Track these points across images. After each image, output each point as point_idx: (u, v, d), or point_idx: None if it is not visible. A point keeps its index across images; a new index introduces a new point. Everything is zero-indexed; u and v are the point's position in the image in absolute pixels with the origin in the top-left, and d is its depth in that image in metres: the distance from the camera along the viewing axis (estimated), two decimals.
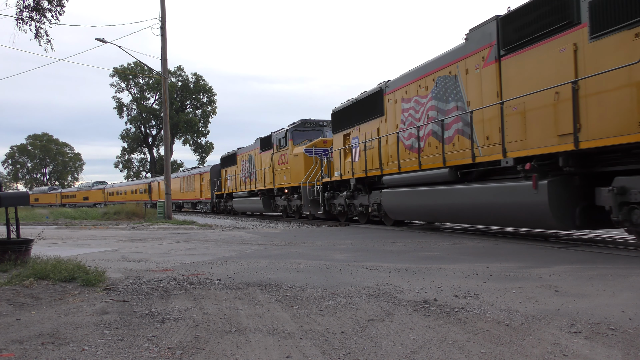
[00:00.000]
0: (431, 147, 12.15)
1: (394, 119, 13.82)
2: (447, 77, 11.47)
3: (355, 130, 16.09)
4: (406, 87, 13.20)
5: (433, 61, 12.18)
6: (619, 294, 4.83)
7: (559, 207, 8.47)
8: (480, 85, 10.44)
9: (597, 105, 7.72)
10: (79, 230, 18.46)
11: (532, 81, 8.99)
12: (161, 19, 22.20)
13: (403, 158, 13.25)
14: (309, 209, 19.50)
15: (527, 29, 9.08)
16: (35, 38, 9.31)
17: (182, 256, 9.03)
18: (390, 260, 7.64)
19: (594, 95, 7.76)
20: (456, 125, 11.21)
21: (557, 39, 8.46)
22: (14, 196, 7.99)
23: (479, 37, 10.40)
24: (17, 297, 5.28)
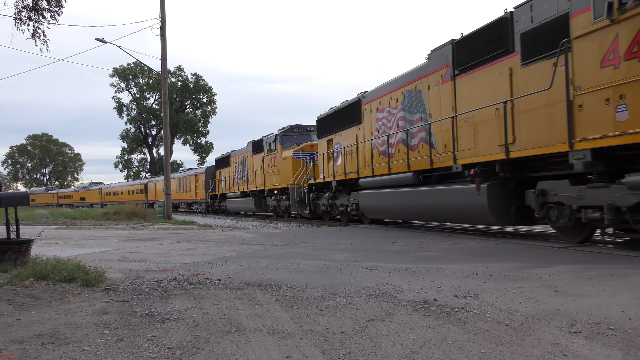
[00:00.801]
0: (400, 153, 13.54)
1: (370, 127, 15.25)
2: (414, 91, 12.89)
3: (337, 136, 17.49)
4: (380, 98, 14.62)
5: (402, 76, 13.56)
6: (619, 294, 4.83)
7: (496, 207, 9.95)
8: (439, 99, 11.85)
9: (527, 121, 9.18)
10: (78, 230, 18.46)
11: (479, 98, 10.41)
12: (161, 19, 22.20)
13: (377, 163, 14.68)
14: (297, 209, 20.78)
15: (475, 53, 10.52)
16: (32, 38, 9.32)
17: (182, 256, 9.03)
18: (390, 261, 7.64)
19: (524, 112, 9.24)
20: (420, 134, 12.61)
21: (497, 63, 9.92)
22: (13, 196, 8.00)
23: (438, 57, 11.87)
24: (17, 297, 5.28)
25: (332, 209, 18.44)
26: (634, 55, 6.99)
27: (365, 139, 15.45)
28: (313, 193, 19.69)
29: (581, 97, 7.90)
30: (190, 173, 40.81)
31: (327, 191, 18.64)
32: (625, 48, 7.14)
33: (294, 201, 20.81)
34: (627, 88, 7.11)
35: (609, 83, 7.39)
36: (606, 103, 7.46)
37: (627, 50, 7.10)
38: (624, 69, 7.14)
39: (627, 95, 7.12)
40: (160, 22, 22.17)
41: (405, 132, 13.11)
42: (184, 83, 68.58)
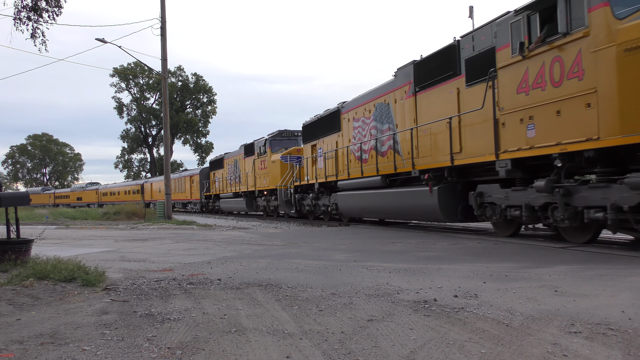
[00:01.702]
0: (372, 158, 14.98)
1: (347, 135, 16.81)
2: (383, 104, 14.44)
3: (320, 142, 19.03)
4: (356, 109, 16.18)
5: (374, 90, 15.09)
6: (619, 294, 4.83)
7: (445, 206, 11.60)
8: (404, 112, 13.38)
9: (469, 134, 10.78)
10: (78, 230, 18.47)
11: (435, 112, 11.93)
12: (161, 19, 22.20)
13: (352, 167, 16.27)
14: (284, 209, 22.33)
15: (431, 74, 12.08)
16: (31, 38, 9.30)
17: (182, 256, 9.03)
18: (390, 261, 7.64)
19: (467, 126, 10.84)
20: (389, 142, 14.11)
21: (448, 84, 11.45)
22: (14, 196, 8.00)
23: (402, 75, 13.42)
24: (17, 297, 5.28)
25: (315, 208, 19.83)
26: (539, 85, 8.73)
27: (344, 145, 16.98)
28: (299, 194, 21.14)
29: (504, 116, 9.59)
30: (185, 174, 41.94)
31: (311, 192, 20.02)
32: (532, 79, 8.86)
33: (282, 201, 22.17)
34: (535, 111, 8.81)
35: (522, 106, 9.06)
36: (520, 122, 9.14)
37: (534, 81, 8.83)
38: (532, 96, 8.85)
39: (535, 117, 8.83)
40: (160, 22, 22.17)
41: (376, 140, 14.72)
42: (184, 83, 68.55)
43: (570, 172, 8.62)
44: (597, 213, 7.83)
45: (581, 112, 7.90)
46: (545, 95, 8.59)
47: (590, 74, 7.74)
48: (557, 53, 8.36)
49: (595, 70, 7.66)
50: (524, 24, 8.92)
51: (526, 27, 8.90)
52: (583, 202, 8.17)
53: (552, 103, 8.44)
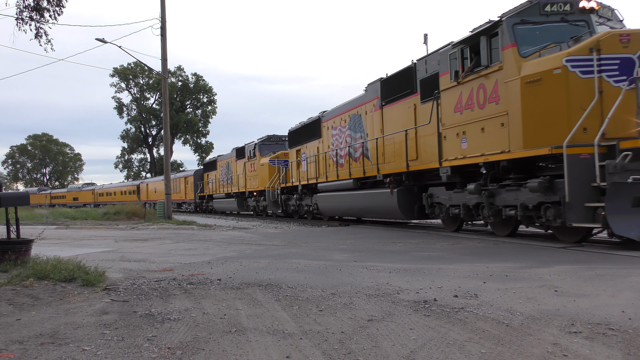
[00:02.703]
0: (347, 163, 16.68)
1: (327, 141, 18.49)
2: (356, 115, 16.10)
3: (304, 147, 20.71)
4: (334, 118, 17.89)
5: (350, 102, 16.80)
6: (619, 294, 4.83)
7: (404, 206, 13.46)
8: (373, 123, 15.03)
9: (423, 144, 12.48)
10: (79, 230, 18.46)
11: (397, 124, 13.61)
12: (161, 19, 22.19)
13: (330, 171, 17.97)
14: (272, 209, 23.95)
15: (394, 90, 13.78)
16: (35, 38, 9.28)
17: (182, 256, 9.03)
18: (390, 261, 7.64)
19: (421, 137, 12.52)
20: (361, 149, 15.75)
21: (407, 100, 13.15)
22: (14, 196, 8.00)
23: (372, 90, 15.06)
24: (17, 297, 5.28)
25: (299, 208, 21.54)
26: (469, 107, 10.50)
27: (324, 150, 18.69)
28: (285, 195, 22.81)
29: (445, 131, 11.36)
30: (180, 175, 43.22)
31: (295, 194, 21.67)
32: (465, 101, 10.62)
33: (269, 202, 23.75)
34: (466, 127, 10.59)
35: (458, 123, 10.84)
36: (457, 136, 10.93)
37: (465, 103, 10.60)
38: (465, 115, 10.63)
39: (467, 132, 10.59)
40: (160, 22, 22.15)
41: (350, 147, 16.45)
42: (184, 83, 68.52)
43: (496, 178, 10.26)
44: (511, 211, 9.72)
45: (498, 130, 9.72)
46: (473, 115, 10.40)
47: (504, 99, 9.53)
48: (482, 81, 10.15)
49: (506, 97, 9.44)
50: (459, 55, 10.75)
51: (460, 59, 10.71)
52: (502, 202, 10.01)
53: (478, 121, 10.27)
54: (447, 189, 11.95)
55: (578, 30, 9.27)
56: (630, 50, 8.37)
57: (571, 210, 8.22)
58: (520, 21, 9.45)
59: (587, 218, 8.08)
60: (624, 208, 7.66)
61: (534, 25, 9.45)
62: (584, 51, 8.46)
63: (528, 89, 8.97)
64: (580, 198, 8.12)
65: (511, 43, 9.36)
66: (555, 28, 9.38)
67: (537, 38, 9.42)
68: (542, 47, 9.30)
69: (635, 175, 7.66)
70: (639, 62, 8.36)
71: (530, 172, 9.44)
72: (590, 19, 9.39)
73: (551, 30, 9.39)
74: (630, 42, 8.39)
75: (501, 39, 9.62)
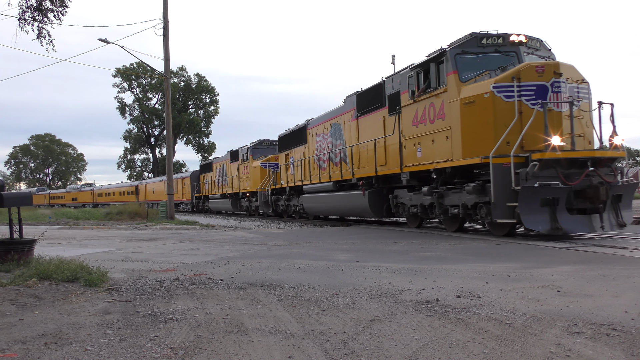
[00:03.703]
0: (328, 167, 18.33)
1: (312, 147, 20.06)
2: (337, 124, 17.76)
3: (292, 152, 22.29)
4: (318, 126, 19.55)
5: (331, 112, 18.46)
6: (622, 295, 4.82)
7: (374, 206, 15.12)
8: (350, 132, 16.66)
9: (390, 152, 14.01)
10: (81, 230, 18.49)
11: (370, 134, 15.13)
12: (164, 20, 22.19)
13: (313, 174, 19.58)
14: (263, 209, 25.63)
15: (367, 103, 15.35)
16: (37, 38, 9.29)
17: (185, 256, 9.03)
18: (392, 261, 7.63)
19: (389, 146, 14.06)
20: (340, 155, 17.36)
21: (378, 112, 14.71)
22: (16, 196, 8.00)
23: (349, 102, 16.74)
24: (20, 297, 5.29)
25: (287, 208, 23.15)
26: (423, 121, 12.35)
27: (309, 155, 20.22)
28: (275, 196, 24.50)
29: (405, 141, 13.15)
30: (177, 176, 44.09)
31: (284, 195, 23.30)
32: (419, 116, 12.46)
33: (261, 202, 25.44)
34: (421, 139, 12.45)
35: (415, 135, 12.70)
36: (414, 146, 12.74)
37: (420, 118, 12.45)
38: (420, 128, 12.49)
39: (421, 143, 12.46)
40: (163, 23, 22.16)
41: (332, 153, 18.08)
42: (186, 83, 68.59)
43: (445, 182, 11.95)
44: (455, 209, 11.57)
45: (444, 142, 11.48)
46: (426, 129, 12.20)
47: (448, 117, 11.29)
48: (432, 100, 11.91)
49: (450, 115, 11.21)
50: (415, 77, 12.58)
51: (416, 80, 12.55)
52: (449, 202, 11.80)
53: (429, 134, 12.06)
54: (408, 191, 13.74)
55: (509, 59, 11.06)
56: (544, 79, 10.08)
57: (496, 209, 9.97)
58: (461, 52, 11.22)
59: (509, 215, 9.84)
60: (534, 207, 9.36)
61: (473, 55, 11.23)
62: (508, 79, 10.21)
63: (465, 109, 10.77)
64: (503, 199, 9.78)
65: (453, 70, 11.15)
66: (490, 58, 11.19)
67: (475, 66, 11.21)
68: (478, 74, 11.06)
69: (541, 181, 9.32)
70: (551, 88, 10.08)
71: (470, 178, 11.14)
72: (519, 50, 11.15)
73: (486, 59, 11.19)
74: (545, 72, 10.12)
75: (446, 66, 11.37)
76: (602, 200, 9.72)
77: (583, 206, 9.83)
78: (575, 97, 10.29)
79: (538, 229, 9.61)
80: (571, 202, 9.67)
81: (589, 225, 9.82)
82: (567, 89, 10.20)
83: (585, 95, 10.71)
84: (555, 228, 9.39)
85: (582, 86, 10.62)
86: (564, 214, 9.52)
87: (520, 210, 9.42)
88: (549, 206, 9.42)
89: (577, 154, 9.82)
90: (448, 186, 11.82)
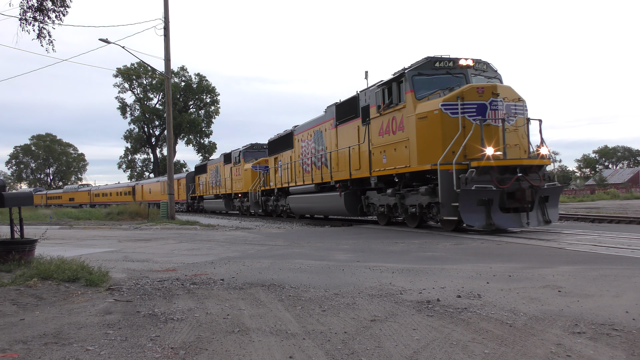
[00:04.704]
0: (311, 171, 19.93)
1: (298, 152, 21.61)
2: (319, 131, 19.26)
3: (280, 156, 23.82)
4: (303, 133, 21.06)
5: (314, 120, 19.97)
6: (623, 295, 4.82)
7: (349, 206, 16.69)
8: (330, 139, 18.17)
9: (363, 157, 15.46)
10: (82, 230, 18.50)
11: (347, 141, 16.70)
12: (164, 20, 22.20)
13: (298, 177, 21.22)
14: (254, 208, 27.22)
15: (344, 114, 16.92)
16: (37, 38, 9.29)
17: (186, 256, 9.04)
18: (393, 261, 7.63)
19: (362, 152, 15.51)
20: (322, 160, 18.84)
21: (353, 122, 16.26)
22: (17, 196, 8.00)
23: (329, 112, 18.26)
24: (21, 297, 5.29)
25: (276, 208, 24.80)
26: (387, 132, 14.01)
27: (295, 159, 21.75)
28: (264, 197, 26.17)
29: (373, 149, 14.79)
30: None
31: (273, 195, 24.98)
32: (385, 128, 14.12)
33: (252, 202, 27.07)
34: (385, 147, 14.10)
35: (381, 144, 14.31)
36: (380, 153, 14.38)
37: (385, 129, 14.11)
38: (385, 138, 14.13)
39: (386, 151, 14.10)
40: (163, 23, 22.17)
41: (315, 157, 19.51)
42: (187, 83, 68.62)
43: (407, 184, 13.61)
44: (413, 209, 13.33)
45: (403, 150, 13.22)
46: (390, 139, 13.83)
47: (407, 129, 13.05)
48: (394, 114, 13.58)
49: (408, 127, 12.99)
50: (380, 94, 14.23)
51: (381, 96, 14.18)
52: (409, 202, 13.54)
53: (392, 143, 13.71)
54: (377, 192, 15.26)
55: (458, 80, 12.84)
56: (484, 98, 11.82)
57: (444, 208, 11.70)
58: (418, 73, 12.99)
59: (453, 213, 11.47)
60: (472, 206, 11.12)
61: (427, 76, 12.99)
62: (453, 99, 11.91)
63: (420, 123, 12.54)
64: (448, 200, 11.47)
65: (411, 89, 12.91)
66: (442, 79, 12.99)
67: (429, 85, 12.94)
68: (431, 93, 12.82)
69: (478, 185, 11.02)
70: (489, 106, 11.79)
71: (425, 181, 12.82)
72: (467, 72, 12.96)
73: (439, 80, 12.97)
74: (484, 93, 11.85)
75: (405, 85, 13.09)
76: (529, 201, 11.45)
77: (514, 206, 11.53)
78: (512, 113, 12.05)
79: (475, 225, 11.36)
80: (504, 202, 11.38)
81: (518, 222, 11.58)
82: (503, 106, 11.87)
83: (521, 111, 12.36)
84: (489, 224, 11.19)
85: (519, 104, 12.30)
86: (497, 212, 11.28)
87: (460, 209, 11.11)
88: (484, 206, 11.19)
89: (507, 162, 11.53)
90: (408, 188, 13.50)
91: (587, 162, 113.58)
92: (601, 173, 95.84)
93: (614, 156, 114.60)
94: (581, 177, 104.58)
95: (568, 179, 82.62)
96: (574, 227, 13.22)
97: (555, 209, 12.48)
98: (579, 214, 18.92)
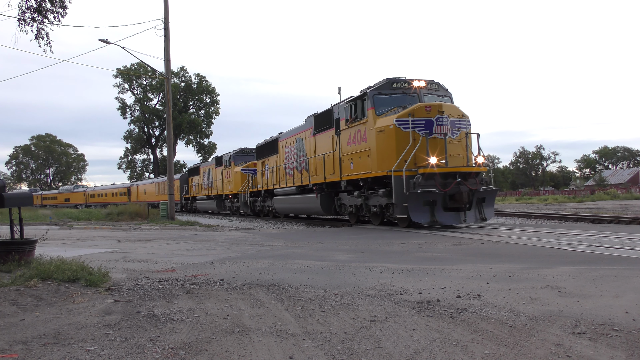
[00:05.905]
0: (293, 174, 21.72)
1: (282, 157, 23.33)
2: (300, 138, 20.98)
3: (267, 160, 25.55)
4: (286, 139, 22.83)
5: (296, 128, 21.71)
6: (623, 295, 4.82)
7: (324, 206, 18.45)
8: (309, 146, 19.88)
9: (335, 164, 17.29)
10: (82, 230, 18.50)
11: (324, 148, 18.41)
12: (164, 20, 22.21)
13: (282, 179, 23.10)
14: (243, 209, 29.31)
15: (321, 123, 18.63)
16: (35, 39, 9.30)
17: (185, 257, 9.03)
18: (392, 261, 7.63)
19: (335, 159, 17.31)
20: (303, 164, 20.54)
21: (328, 131, 18.00)
22: (17, 197, 8.00)
23: (309, 121, 19.97)
24: (21, 297, 5.29)
25: (263, 208, 26.76)
26: (354, 142, 15.98)
27: (280, 164, 23.49)
28: (252, 198, 28.05)
29: (343, 157, 16.72)
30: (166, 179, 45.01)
31: (260, 197, 26.84)
32: (352, 138, 16.09)
33: (241, 203, 29.14)
34: (352, 156, 16.10)
35: (349, 152, 16.26)
36: (349, 160, 16.34)
37: (352, 140, 16.09)
38: (352, 147, 16.12)
39: (352, 159, 16.08)
40: (163, 23, 22.18)
41: (297, 162, 21.19)
42: (187, 84, 68.60)
43: (370, 188, 15.46)
44: (375, 208, 15.33)
45: (366, 159, 15.19)
46: (356, 148, 15.81)
47: (369, 140, 15.04)
48: (359, 127, 15.57)
49: (369, 139, 14.98)
50: (348, 109, 16.24)
51: (349, 111, 16.19)
52: (372, 203, 15.46)
53: (357, 152, 15.71)
54: (347, 194, 17.12)
55: (412, 99, 14.80)
56: (431, 115, 13.83)
57: (397, 208, 13.69)
58: (378, 93, 14.98)
59: (404, 212, 13.35)
60: (419, 206, 13.18)
61: (386, 95, 14.96)
62: (405, 115, 13.91)
63: (379, 135, 14.54)
64: (400, 200, 13.45)
65: (372, 107, 14.94)
66: (398, 97, 14.95)
67: (387, 103, 14.89)
68: (389, 110, 14.77)
69: (424, 188, 13.08)
70: (436, 122, 13.78)
71: (384, 185, 14.61)
72: (420, 92, 14.95)
73: (396, 98, 14.93)
74: (431, 110, 13.86)
75: (367, 103, 15.09)
76: (467, 202, 13.48)
77: (454, 206, 13.52)
78: (456, 128, 14.07)
79: (421, 222, 13.38)
80: (446, 203, 13.44)
81: (457, 219, 13.60)
82: (448, 122, 13.89)
83: (464, 126, 14.35)
84: (433, 221, 13.27)
85: (462, 120, 14.32)
86: (440, 211, 13.34)
87: (409, 208, 13.11)
88: (429, 206, 13.23)
89: (448, 169, 13.55)
90: (371, 191, 15.45)
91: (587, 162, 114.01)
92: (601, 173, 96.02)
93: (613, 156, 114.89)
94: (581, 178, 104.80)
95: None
96: (574, 227, 13.25)
97: (491, 208, 14.48)
98: (578, 214, 18.99)
